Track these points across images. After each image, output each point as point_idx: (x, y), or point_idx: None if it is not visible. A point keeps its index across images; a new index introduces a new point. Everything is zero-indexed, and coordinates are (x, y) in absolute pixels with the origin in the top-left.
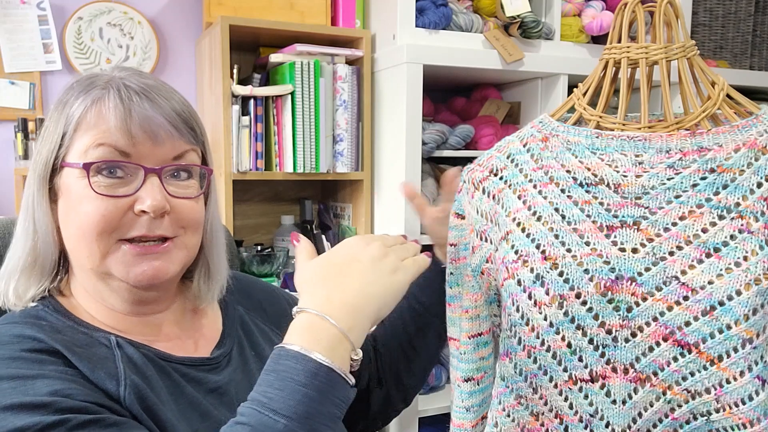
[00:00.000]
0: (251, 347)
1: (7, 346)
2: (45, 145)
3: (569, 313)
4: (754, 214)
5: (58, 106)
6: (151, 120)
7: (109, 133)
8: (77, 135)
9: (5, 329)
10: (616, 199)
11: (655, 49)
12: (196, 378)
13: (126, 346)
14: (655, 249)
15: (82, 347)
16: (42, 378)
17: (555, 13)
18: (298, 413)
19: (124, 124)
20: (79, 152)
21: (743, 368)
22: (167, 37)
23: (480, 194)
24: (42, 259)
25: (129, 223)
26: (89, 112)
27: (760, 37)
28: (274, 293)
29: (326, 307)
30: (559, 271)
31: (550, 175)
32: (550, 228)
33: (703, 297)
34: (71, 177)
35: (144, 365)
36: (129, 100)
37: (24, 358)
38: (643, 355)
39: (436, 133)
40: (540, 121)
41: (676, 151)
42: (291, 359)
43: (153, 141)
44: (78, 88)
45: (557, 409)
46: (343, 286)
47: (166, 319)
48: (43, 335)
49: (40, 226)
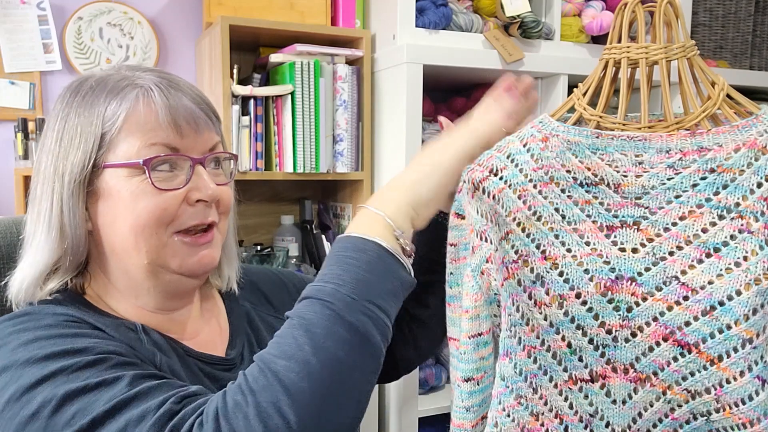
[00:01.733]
0: (258, 343)
1: (42, 319)
2: (74, 150)
3: (569, 313)
4: (754, 214)
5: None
6: (192, 112)
7: (160, 130)
8: (122, 136)
9: (37, 309)
10: (616, 199)
11: (655, 49)
12: (213, 375)
13: (151, 332)
14: (655, 249)
15: (111, 326)
16: (82, 336)
17: (555, 13)
18: (344, 280)
19: (173, 119)
20: (127, 152)
21: (743, 368)
22: (167, 37)
23: (480, 194)
24: (70, 259)
25: (184, 213)
26: (135, 111)
27: (760, 37)
28: (279, 281)
29: (371, 200)
30: (559, 271)
31: (550, 175)
32: (550, 228)
33: (703, 297)
34: (116, 178)
35: (168, 351)
36: (169, 94)
37: (61, 325)
38: (643, 355)
39: (436, 133)
40: (540, 121)
41: (676, 151)
42: (335, 244)
43: (196, 131)
44: (103, 90)
45: (557, 409)
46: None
47: (187, 315)
48: (76, 313)
49: (73, 231)
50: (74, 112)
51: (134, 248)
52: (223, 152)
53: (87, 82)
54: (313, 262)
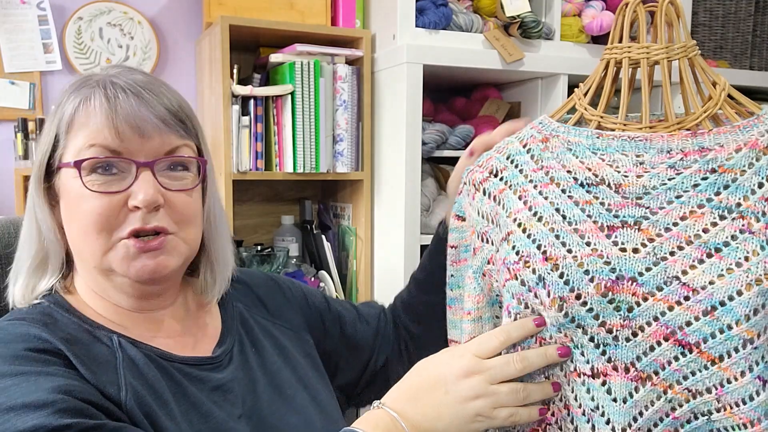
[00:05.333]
0: (251, 344)
1: (11, 345)
2: (40, 147)
3: (569, 314)
4: (755, 215)
5: (55, 107)
6: (136, 116)
7: (97, 132)
8: (70, 136)
9: (11, 327)
10: (617, 199)
11: (657, 49)
12: (198, 377)
13: (128, 347)
14: (656, 249)
15: (85, 346)
16: (45, 375)
17: (555, 13)
18: None
19: (110, 122)
20: (73, 152)
21: (744, 368)
22: (167, 37)
23: (480, 195)
24: (51, 258)
25: (124, 218)
26: (78, 111)
27: (760, 37)
28: (275, 285)
29: (404, 413)
30: (560, 272)
31: (550, 176)
32: (551, 228)
33: (704, 297)
34: (68, 177)
35: (145, 366)
36: (115, 97)
37: (27, 357)
38: (643, 354)
39: (436, 133)
40: (540, 122)
41: (677, 151)
42: None
43: (140, 136)
44: (70, 89)
45: (566, 399)
46: (422, 407)
47: (169, 316)
48: (47, 334)
49: (43, 228)
50: (52, 112)
51: (83, 249)
52: (180, 156)
53: (71, 82)
54: (313, 262)
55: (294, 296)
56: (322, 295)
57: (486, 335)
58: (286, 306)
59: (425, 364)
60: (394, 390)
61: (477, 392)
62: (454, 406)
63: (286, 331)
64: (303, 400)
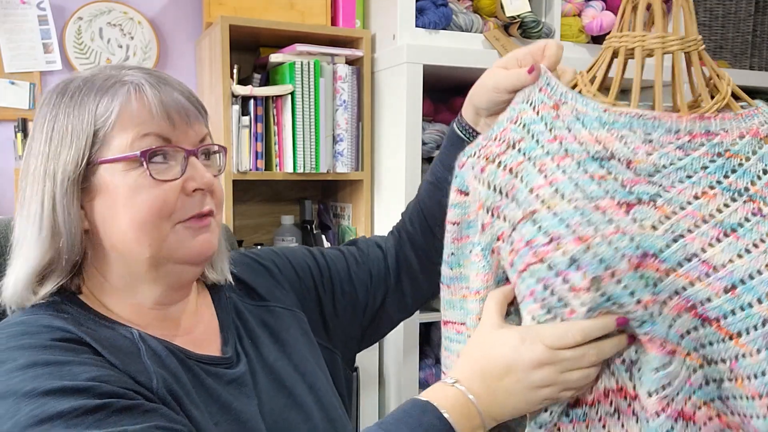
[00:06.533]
0: (248, 335)
1: (36, 336)
2: (66, 149)
3: (605, 293)
4: (764, 199)
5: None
6: (182, 104)
7: (152, 122)
8: (115, 131)
9: (32, 319)
10: (629, 175)
11: (672, 39)
12: (213, 372)
13: (149, 339)
14: (673, 226)
15: (107, 338)
16: (78, 364)
17: (555, 13)
18: None
19: (165, 110)
20: (121, 146)
21: (761, 346)
22: (167, 37)
23: (494, 167)
24: (63, 261)
25: (183, 204)
26: (128, 105)
27: (760, 37)
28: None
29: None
30: (593, 251)
31: (564, 147)
32: (575, 207)
33: (724, 275)
34: (113, 173)
35: (167, 357)
36: (159, 88)
37: (56, 347)
38: (669, 327)
39: (436, 133)
40: (547, 83)
41: (684, 132)
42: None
43: (187, 123)
44: (91, 89)
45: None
46: (494, 393)
47: (186, 309)
48: (71, 326)
49: (68, 230)
50: (63, 113)
51: (136, 242)
52: (214, 144)
53: (73, 83)
54: None
55: (283, 275)
56: (312, 257)
57: (562, 327)
58: (276, 287)
59: (490, 342)
60: (465, 368)
61: (548, 382)
62: (523, 393)
63: (279, 310)
64: (302, 391)
